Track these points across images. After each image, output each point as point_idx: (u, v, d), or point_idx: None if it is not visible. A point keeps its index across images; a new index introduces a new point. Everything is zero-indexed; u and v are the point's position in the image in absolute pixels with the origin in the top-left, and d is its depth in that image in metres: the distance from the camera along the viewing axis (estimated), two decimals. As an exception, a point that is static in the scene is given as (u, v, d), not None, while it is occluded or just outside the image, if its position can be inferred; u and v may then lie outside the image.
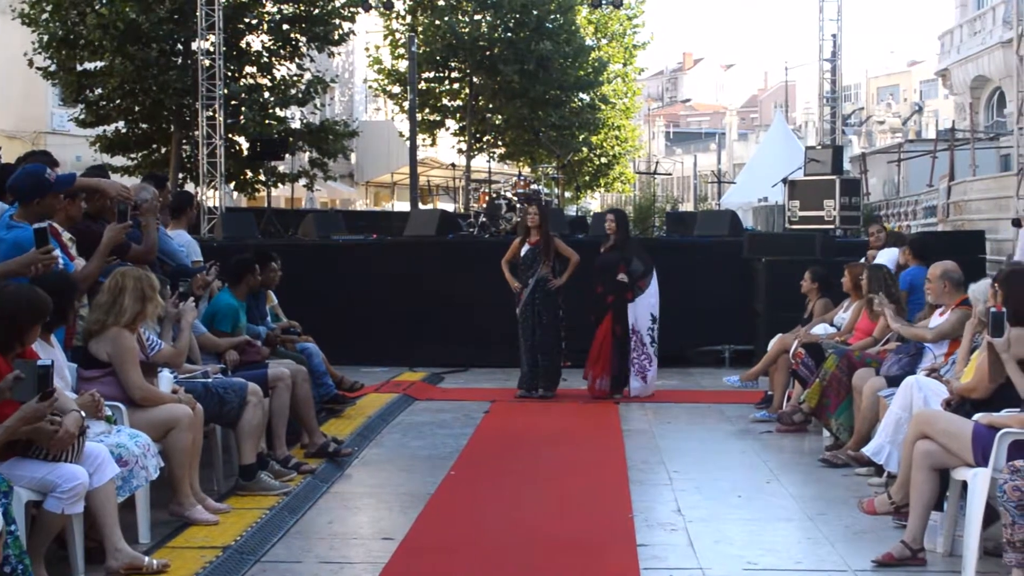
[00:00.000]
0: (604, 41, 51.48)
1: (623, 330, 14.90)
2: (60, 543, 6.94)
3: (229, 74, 29.87)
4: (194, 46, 29.81)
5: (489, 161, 37.80)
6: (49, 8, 30.34)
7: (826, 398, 11.26)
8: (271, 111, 33.12)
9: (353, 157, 54.32)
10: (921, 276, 12.27)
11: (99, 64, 31.09)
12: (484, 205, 25.00)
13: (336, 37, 34.73)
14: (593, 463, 11.18)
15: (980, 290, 8.80)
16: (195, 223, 19.21)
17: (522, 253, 15.08)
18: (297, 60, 34.24)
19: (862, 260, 14.86)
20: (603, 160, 52.18)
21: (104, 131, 32.63)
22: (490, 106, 45.19)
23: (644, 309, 15.01)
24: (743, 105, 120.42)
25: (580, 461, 11.28)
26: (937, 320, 10.13)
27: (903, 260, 13.82)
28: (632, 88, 55.15)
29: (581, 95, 47.05)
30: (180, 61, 31.17)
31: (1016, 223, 16.50)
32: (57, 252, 7.64)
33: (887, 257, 14.51)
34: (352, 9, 34.66)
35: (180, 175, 31.80)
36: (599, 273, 15.03)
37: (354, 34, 36.71)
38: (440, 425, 13.17)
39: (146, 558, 7.11)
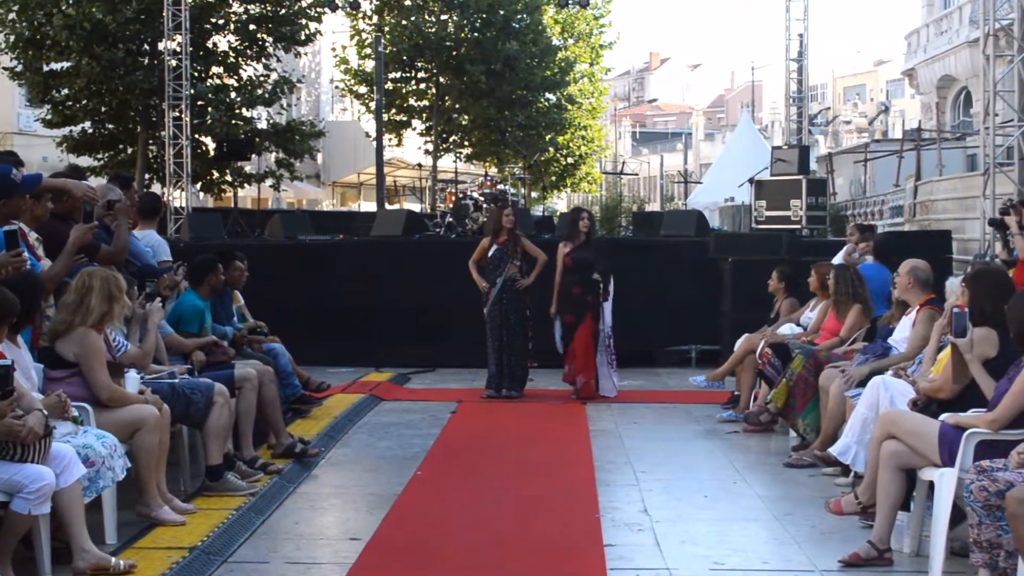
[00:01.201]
0: (571, 41, 51.48)
1: (597, 330, 14.88)
2: (27, 544, 6.91)
3: (196, 74, 29.80)
4: (161, 46, 29.63)
5: (456, 161, 37.96)
6: (16, 8, 30.19)
7: (793, 398, 11.25)
8: (238, 111, 33.16)
9: (320, 157, 54.29)
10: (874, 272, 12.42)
11: (66, 64, 30.95)
12: (451, 205, 25.08)
13: (303, 37, 34.71)
14: (560, 463, 11.18)
15: (958, 284, 8.81)
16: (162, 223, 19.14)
17: (490, 253, 15.03)
18: (264, 60, 34.19)
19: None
20: (569, 160, 52.21)
21: (71, 131, 32.49)
22: (456, 106, 45.21)
23: (608, 308, 15.01)
24: (709, 105, 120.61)
25: (547, 461, 11.28)
26: (906, 328, 10.12)
27: (846, 258, 13.93)
28: (598, 88, 55.18)
29: (548, 95, 47.13)
30: (147, 61, 31.04)
31: (992, 223, 16.52)
32: (24, 253, 7.59)
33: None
34: (319, 9, 34.73)
35: (147, 175, 31.71)
36: (575, 273, 14.82)
37: (320, 34, 36.81)
38: (407, 425, 13.15)
39: (113, 559, 7.09)
